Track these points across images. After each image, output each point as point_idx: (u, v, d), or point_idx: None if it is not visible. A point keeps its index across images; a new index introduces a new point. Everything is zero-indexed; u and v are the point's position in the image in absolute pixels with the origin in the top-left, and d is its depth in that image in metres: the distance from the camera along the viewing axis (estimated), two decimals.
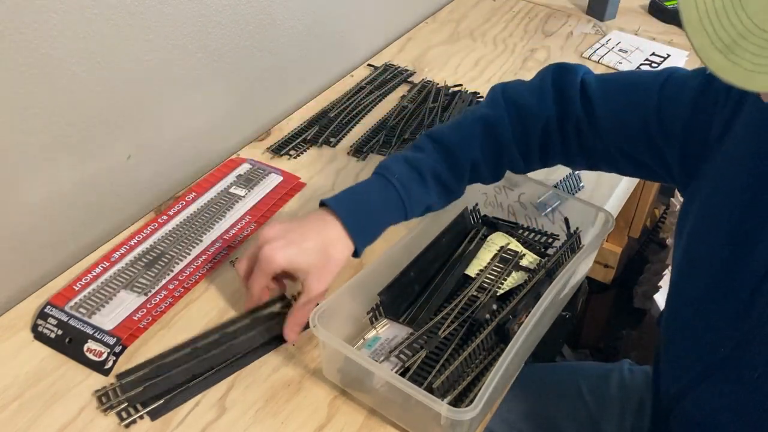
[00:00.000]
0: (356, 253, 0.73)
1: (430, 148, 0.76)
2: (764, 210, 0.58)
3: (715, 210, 0.64)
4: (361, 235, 0.73)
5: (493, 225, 0.87)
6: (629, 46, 1.32)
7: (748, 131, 0.61)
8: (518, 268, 0.80)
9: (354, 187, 0.75)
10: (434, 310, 0.77)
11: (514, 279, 0.78)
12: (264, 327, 0.75)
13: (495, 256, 0.81)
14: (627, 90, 0.72)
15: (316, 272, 0.70)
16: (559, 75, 0.75)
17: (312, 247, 0.70)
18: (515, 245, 0.83)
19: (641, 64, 1.25)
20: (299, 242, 0.70)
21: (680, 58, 1.27)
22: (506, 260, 0.81)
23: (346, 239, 0.71)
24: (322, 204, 0.73)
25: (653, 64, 1.25)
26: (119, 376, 0.71)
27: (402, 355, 0.68)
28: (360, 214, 0.73)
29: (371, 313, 0.74)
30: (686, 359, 0.66)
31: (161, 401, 0.68)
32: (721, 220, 0.62)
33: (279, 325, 0.74)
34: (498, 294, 0.76)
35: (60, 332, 0.74)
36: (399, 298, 0.77)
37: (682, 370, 0.67)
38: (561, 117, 0.74)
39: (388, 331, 0.73)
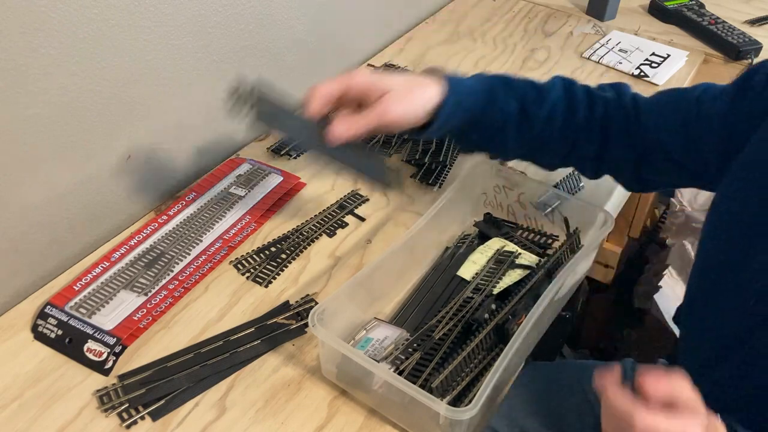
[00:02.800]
0: (440, 110, 0.72)
1: (518, 80, 0.77)
2: None
3: (733, 203, 0.66)
4: (453, 94, 0.72)
5: (494, 224, 0.87)
6: (629, 46, 1.32)
7: None
8: (514, 266, 0.80)
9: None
10: (426, 311, 0.77)
11: (510, 278, 0.78)
12: (269, 338, 0.75)
13: (491, 258, 0.81)
14: (668, 94, 0.76)
15: (397, 95, 0.69)
16: (615, 84, 0.80)
17: (401, 78, 0.71)
18: (511, 246, 0.83)
19: (641, 64, 1.25)
20: (387, 72, 0.71)
21: (680, 58, 1.27)
22: (502, 261, 0.81)
23: (440, 90, 0.71)
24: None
25: (653, 64, 1.25)
26: (121, 377, 0.71)
27: (396, 361, 0.68)
28: (460, 86, 0.73)
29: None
30: (701, 345, 0.69)
31: (162, 402, 0.68)
32: (737, 212, 0.65)
33: (284, 335, 0.74)
34: (494, 293, 0.76)
35: (60, 332, 0.74)
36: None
37: (696, 355, 0.69)
38: (617, 104, 0.77)
39: (378, 331, 0.73)
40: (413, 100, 0.70)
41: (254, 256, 0.85)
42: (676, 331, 0.86)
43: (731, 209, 0.66)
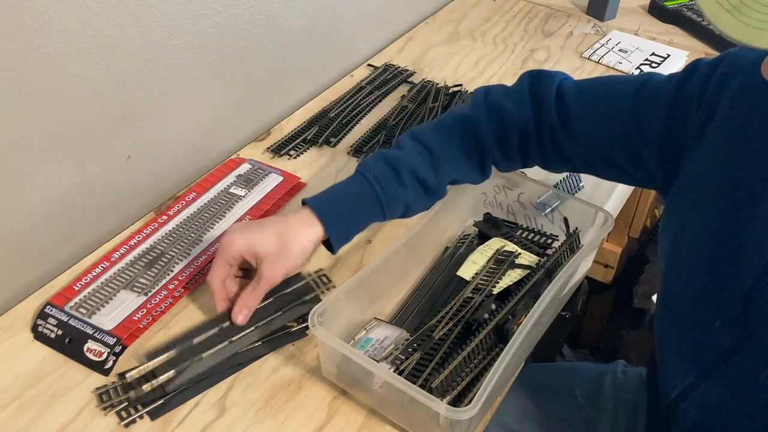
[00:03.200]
0: (331, 248, 0.73)
1: (411, 146, 0.76)
2: (745, 206, 0.58)
3: (697, 210, 0.64)
4: (336, 229, 0.72)
5: (494, 224, 0.87)
6: (629, 46, 1.32)
7: (722, 130, 0.61)
8: (514, 266, 0.80)
9: (334, 185, 0.75)
10: (426, 311, 0.77)
11: (510, 277, 0.78)
12: (270, 339, 0.75)
13: (490, 258, 0.81)
14: (604, 96, 0.72)
15: (272, 258, 0.70)
16: (536, 81, 0.76)
17: (271, 233, 0.70)
18: (511, 246, 0.83)
19: (641, 64, 1.25)
20: (258, 228, 0.71)
21: (680, 58, 1.27)
22: (502, 261, 0.81)
23: (315, 225, 0.71)
24: (304, 204, 0.74)
25: (653, 64, 1.25)
26: (120, 376, 0.71)
27: (396, 361, 0.68)
28: (335, 208, 0.72)
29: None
30: (684, 361, 0.66)
31: (161, 401, 0.69)
32: (704, 219, 0.62)
33: (285, 337, 0.75)
34: (494, 292, 0.76)
35: (60, 332, 0.74)
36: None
37: (681, 372, 0.66)
38: (537, 122, 0.75)
39: (378, 331, 0.73)
40: (290, 255, 0.70)
41: None
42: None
43: (694, 222, 0.64)
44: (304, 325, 0.76)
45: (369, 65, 1.26)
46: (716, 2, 0.42)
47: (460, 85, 1.19)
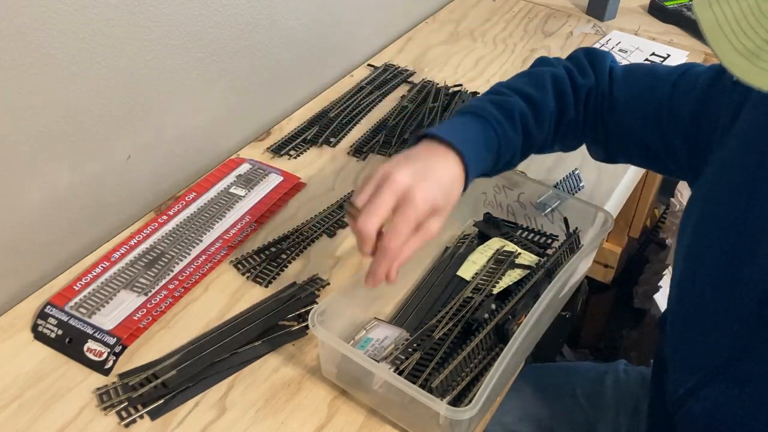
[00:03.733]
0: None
1: (511, 94, 0.74)
2: (766, 201, 0.58)
3: (718, 205, 0.63)
4: (474, 172, 0.67)
5: (494, 224, 0.87)
6: (629, 46, 1.32)
7: (750, 126, 0.61)
8: (514, 266, 0.80)
9: (455, 123, 0.70)
10: (426, 311, 0.77)
11: (510, 277, 0.78)
12: (270, 339, 0.75)
13: (490, 258, 0.82)
14: (646, 75, 0.74)
15: (442, 214, 0.63)
16: (592, 55, 0.78)
17: (438, 186, 0.62)
18: (511, 246, 0.83)
19: None
20: (431, 176, 0.62)
21: (680, 58, 1.27)
22: (502, 261, 0.81)
23: (462, 176, 0.66)
24: (424, 136, 0.67)
25: None
26: (121, 376, 0.71)
27: (396, 361, 0.68)
28: (472, 152, 0.67)
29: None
30: (692, 360, 0.66)
31: (161, 401, 0.69)
32: (725, 211, 0.62)
33: (285, 336, 0.75)
34: (493, 292, 0.76)
35: (60, 332, 0.74)
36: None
37: (688, 371, 0.66)
38: (593, 90, 0.76)
39: (378, 331, 0.73)
40: (448, 210, 0.65)
41: (254, 256, 0.85)
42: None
43: (716, 215, 0.63)
44: (304, 324, 0.76)
45: (369, 65, 1.26)
46: (732, 48, 0.40)
47: (460, 85, 1.19)
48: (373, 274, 0.62)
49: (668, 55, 1.28)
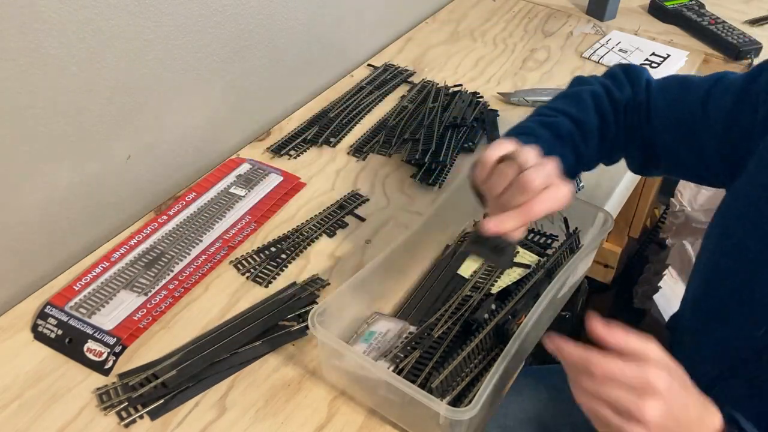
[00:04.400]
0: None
1: (556, 115, 0.75)
2: None
3: (748, 206, 0.64)
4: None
5: None
6: (629, 46, 1.32)
7: None
8: (513, 265, 0.80)
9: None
10: (426, 310, 0.77)
11: (510, 277, 0.78)
12: (270, 339, 0.75)
13: None
14: (680, 85, 0.75)
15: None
16: (629, 68, 0.79)
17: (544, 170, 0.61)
18: None
19: (641, 64, 1.25)
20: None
21: (680, 58, 1.27)
22: None
23: None
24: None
25: (653, 64, 1.25)
26: (120, 376, 0.71)
27: (396, 359, 0.68)
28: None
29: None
30: (705, 361, 0.66)
31: (161, 401, 0.69)
32: (753, 216, 0.62)
33: (285, 336, 0.75)
34: (493, 292, 0.76)
35: (60, 332, 0.74)
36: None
37: (700, 371, 0.66)
38: (630, 102, 0.77)
39: (380, 324, 0.73)
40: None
41: (254, 256, 0.85)
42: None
43: (745, 215, 0.64)
44: (304, 324, 0.76)
45: (369, 65, 1.26)
46: None
47: (460, 85, 1.19)
48: (502, 219, 0.60)
49: (668, 55, 1.28)
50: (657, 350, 0.50)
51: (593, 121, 0.75)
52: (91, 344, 0.73)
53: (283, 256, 0.85)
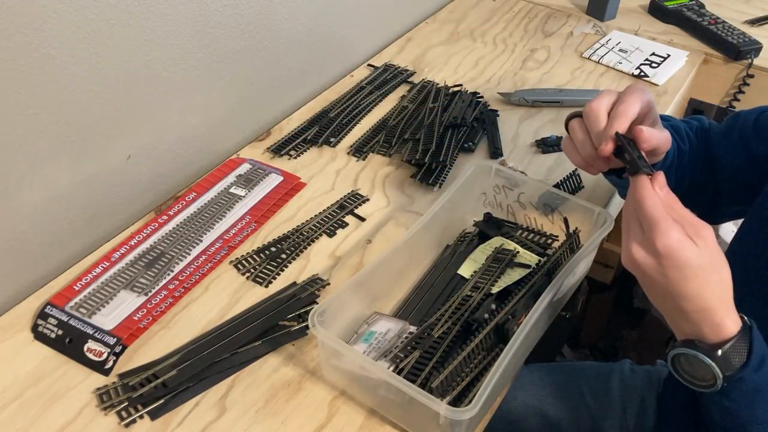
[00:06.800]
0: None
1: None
2: None
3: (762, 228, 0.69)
4: None
5: (494, 224, 0.87)
6: (629, 46, 1.32)
7: None
8: (514, 265, 0.80)
9: None
10: (426, 310, 0.77)
11: (510, 277, 0.78)
12: (270, 339, 0.75)
13: (489, 257, 0.82)
14: (729, 123, 0.81)
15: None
16: (695, 121, 0.86)
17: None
18: (510, 245, 0.84)
19: (641, 64, 1.25)
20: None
21: (680, 58, 1.27)
22: (500, 259, 0.81)
23: None
24: None
25: (653, 65, 1.25)
26: (121, 376, 0.71)
27: (396, 359, 0.68)
28: None
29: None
30: None
31: (161, 401, 0.69)
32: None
33: (285, 336, 0.75)
34: (493, 292, 0.76)
35: (60, 332, 0.74)
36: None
37: None
38: (696, 131, 0.84)
39: (380, 324, 0.73)
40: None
41: (254, 256, 0.85)
42: None
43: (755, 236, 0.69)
44: (304, 324, 0.76)
45: (369, 65, 1.26)
46: None
47: (460, 85, 1.19)
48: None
49: (668, 55, 1.28)
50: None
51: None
52: (91, 344, 0.73)
53: (283, 256, 0.85)
